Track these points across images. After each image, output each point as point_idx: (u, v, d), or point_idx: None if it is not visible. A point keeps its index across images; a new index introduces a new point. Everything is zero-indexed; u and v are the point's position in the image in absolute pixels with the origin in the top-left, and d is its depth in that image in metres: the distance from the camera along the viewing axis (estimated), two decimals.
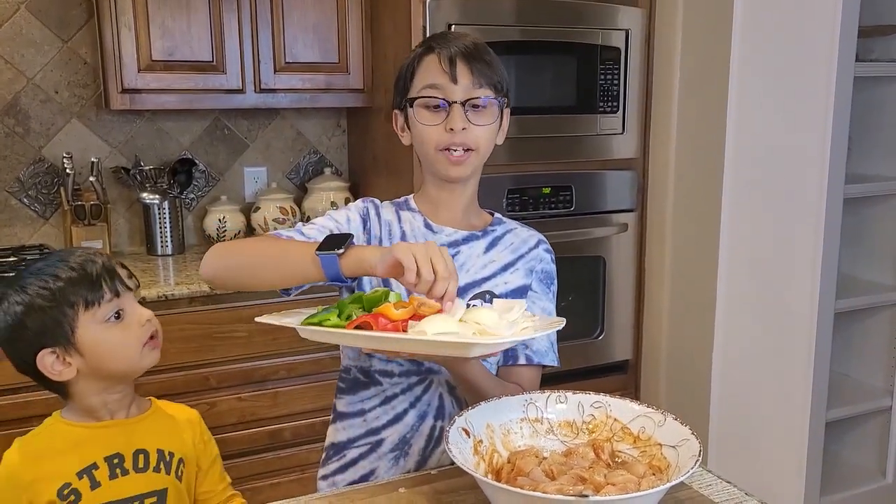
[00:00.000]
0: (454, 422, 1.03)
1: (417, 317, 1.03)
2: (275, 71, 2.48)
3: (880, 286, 2.61)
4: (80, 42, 2.52)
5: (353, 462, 1.33)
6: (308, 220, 2.70)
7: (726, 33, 2.41)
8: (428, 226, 1.32)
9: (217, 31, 2.40)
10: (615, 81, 2.57)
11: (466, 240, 1.32)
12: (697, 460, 0.91)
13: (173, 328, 2.18)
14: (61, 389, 1.14)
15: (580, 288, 2.67)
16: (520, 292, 1.32)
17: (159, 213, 2.56)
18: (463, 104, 1.23)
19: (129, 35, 2.30)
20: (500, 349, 1.12)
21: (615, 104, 2.58)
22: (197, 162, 2.68)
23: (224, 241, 2.64)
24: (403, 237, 1.31)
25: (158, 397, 2.17)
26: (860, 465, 2.72)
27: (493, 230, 1.35)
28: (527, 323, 1.06)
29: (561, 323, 1.08)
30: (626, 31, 2.56)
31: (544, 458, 1.03)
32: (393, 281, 1.26)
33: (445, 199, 1.32)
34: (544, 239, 1.40)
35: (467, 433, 1.03)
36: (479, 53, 1.26)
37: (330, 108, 2.81)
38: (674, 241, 2.67)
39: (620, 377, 2.80)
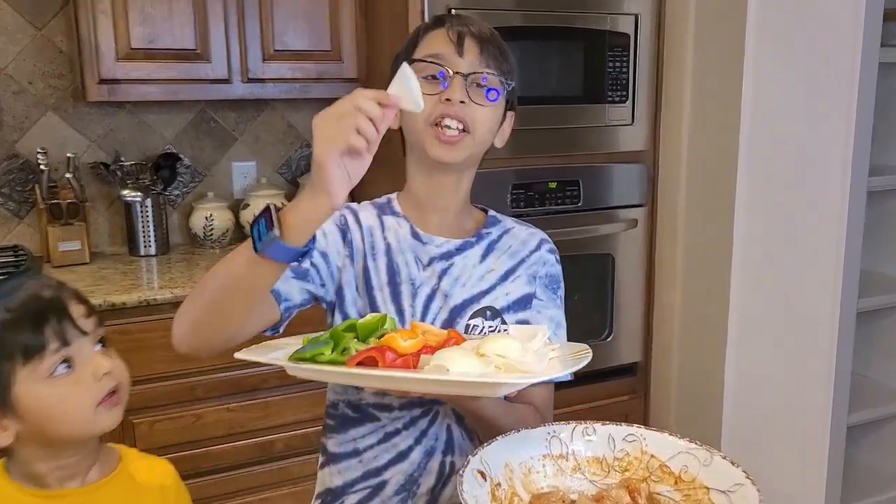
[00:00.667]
0: (468, 463, 0.89)
1: (428, 348, 0.89)
2: (263, 59, 2.33)
3: None
4: (55, 30, 2.36)
5: None
6: None
7: (741, 17, 2.28)
8: (416, 235, 1.17)
9: (201, 16, 2.25)
10: (624, 69, 2.42)
11: (460, 249, 1.17)
12: None
13: (156, 335, 2.04)
14: None
15: (588, 287, 2.53)
16: (523, 302, 1.18)
17: (142, 211, 2.41)
18: (466, 77, 1.09)
19: (107, 22, 2.15)
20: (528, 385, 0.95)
21: (624, 94, 2.44)
22: (181, 156, 2.53)
23: (211, 240, 2.50)
24: (389, 250, 1.16)
25: (140, 410, 2.07)
26: (881, 470, 2.61)
27: (487, 233, 1.20)
28: (552, 353, 0.92)
29: (589, 354, 0.95)
30: (636, 16, 2.41)
31: (572, 503, 0.90)
32: (379, 298, 1.12)
33: (434, 197, 1.17)
34: (547, 238, 1.25)
35: (483, 476, 0.89)
36: (492, 38, 1.14)
37: (322, 99, 2.65)
38: (685, 238, 2.54)
39: (630, 380, 2.67)
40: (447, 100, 1.08)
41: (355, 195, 2.87)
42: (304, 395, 2.20)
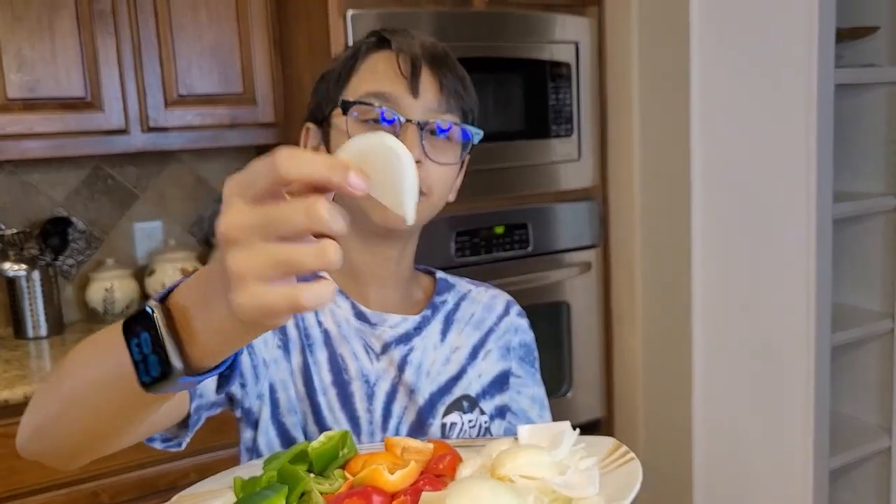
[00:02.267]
0: None
1: (425, 479, 0.63)
2: (165, 106, 2.05)
3: (869, 313, 2.38)
4: None
5: None
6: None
7: (685, 42, 2.15)
8: (360, 315, 0.90)
9: (90, 59, 1.96)
10: (567, 101, 2.25)
11: (419, 327, 0.93)
12: None
13: None
14: None
15: (543, 339, 2.27)
16: (499, 383, 0.96)
17: (28, 287, 2.07)
18: (421, 127, 0.84)
19: None
20: None
21: (568, 126, 2.26)
22: (74, 220, 2.20)
23: (113, 314, 2.17)
24: (328, 338, 0.89)
25: None
26: None
27: (442, 301, 0.96)
28: (584, 461, 0.68)
29: (625, 449, 0.72)
30: (576, 44, 2.25)
31: None
32: (324, 404, 0.84)
33: (375, 269, 0.91)
34: (513, 300, 1.04)
35: None
36: (450, 63, 0.89)
37: (236, 148, 2.38)
38: (643, 279, 2.36)
39: None
40: None
41: None
42: None
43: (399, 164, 0.48)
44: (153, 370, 0.51)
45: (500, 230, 2.18)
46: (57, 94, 1.95)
